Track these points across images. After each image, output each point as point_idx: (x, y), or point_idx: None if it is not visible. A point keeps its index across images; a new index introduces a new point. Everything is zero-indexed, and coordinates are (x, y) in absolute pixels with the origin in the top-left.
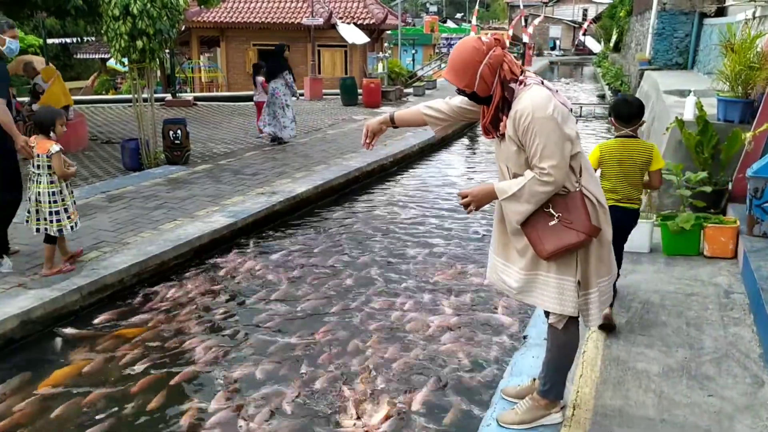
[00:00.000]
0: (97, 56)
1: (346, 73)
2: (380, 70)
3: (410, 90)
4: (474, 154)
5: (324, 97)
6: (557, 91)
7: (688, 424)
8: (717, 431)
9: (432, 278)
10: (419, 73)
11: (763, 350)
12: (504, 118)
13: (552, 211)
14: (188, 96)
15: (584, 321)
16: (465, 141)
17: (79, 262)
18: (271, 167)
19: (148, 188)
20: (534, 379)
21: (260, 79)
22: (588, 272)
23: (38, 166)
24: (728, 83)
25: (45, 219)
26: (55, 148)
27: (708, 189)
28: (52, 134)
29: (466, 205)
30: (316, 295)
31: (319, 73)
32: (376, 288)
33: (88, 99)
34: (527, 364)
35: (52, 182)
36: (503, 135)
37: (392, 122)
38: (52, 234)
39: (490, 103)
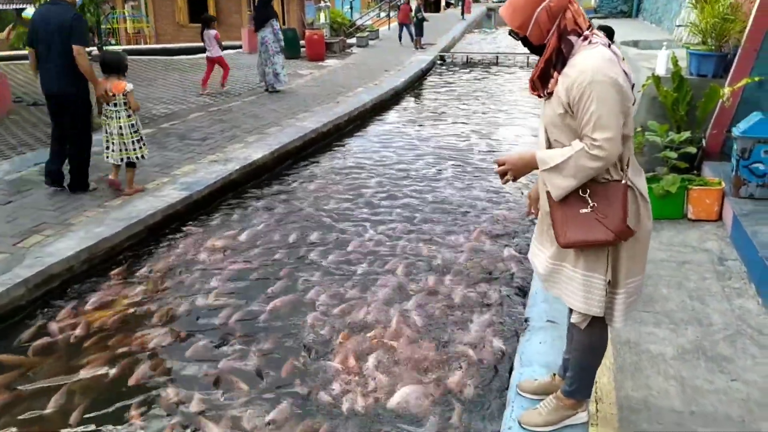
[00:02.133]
0: (10, 6)
1: (284, 24)
2: (322, 20)
3: (353, 41)
4: (422, 112)
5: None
6: (623, 59)
7: (719, 416)
8: (751, 421)
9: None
10: (358, 23)
11: None
12: (555, 74)
13: (588, 198)
14: (117, 49)
15: (607, 320)
16: (412, 98)
17: (20, 249)
18: (220, 130)
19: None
20: (554, 375)
21: (212, 32)
22: (618, 271)
23: (115, 105)
24: (701, 36)
25: (128, 149)
26: (130, 86)
27: (693, 150)
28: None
29: (502, 174)
30: (285, 275)
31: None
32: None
33: (6, 55)
34: (535, 352)
35: (129, 116)
36: (550, 94)
37: None
38: (142, 157)
39: (542, 53)
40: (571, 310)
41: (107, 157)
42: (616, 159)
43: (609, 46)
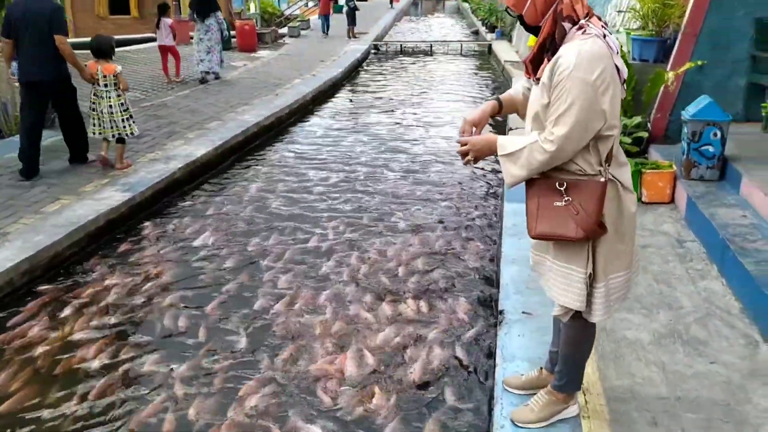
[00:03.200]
0: None
1: None
2: (252, 10)
3: (285, 31)
4: (362, 102)
5: (191, 40)
6: (617, 53)
7: (704, 400)
8: (735, 404)
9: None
10: (287, 12)
11: (742, 305)
12: (545, 60)
13: (563, 192)
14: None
15: (585, 314)
16: (351, 88)
17: None
18: (156, 126)
19: (16, 161)
20: (540, 369)
21: (169, 20)
22: (597, 264)
23: (106, 85)
24: (641, 21)
25: (118, 126)
26: (119, 68)
27: (645, 134)
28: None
29: (463, 155)
30: (242, 274)
31: (181, 13)
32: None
33: None
34: (515, 346)
35: (119, 95)
36: (538, 80)
37: (500, 108)
38: (132, 134)
39: (538, 34)
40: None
41: (94, 133)
42: (566, 158)
43: (605, 36)
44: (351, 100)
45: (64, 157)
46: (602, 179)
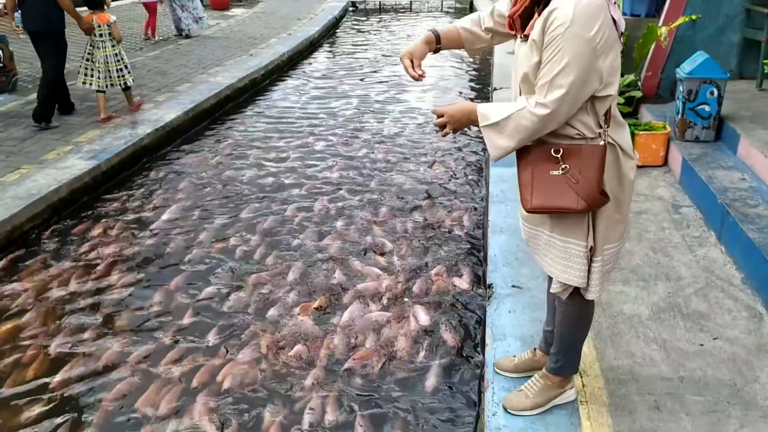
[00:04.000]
0: None
1: None
2: None
3: None
4: (339, 60)
5: None
6: (615, 2)
7: (710, 380)
8: (743, 384)
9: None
10: None
11: (744, 275)
12: (536, 14)
13: (560, 159)
14: None
15: (582, 290)
16: (328, 47)
17: None
18: None
19: None
20: (534, 350)
21: None
22: (596, 237)
23: (101, 35)
24: None
25: (113, 77)
26: (113, 18)
27: (638, 93)
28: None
29: (441, 126)
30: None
31: None
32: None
33: None
34: (506, 323)
35: (113, 46)
36: (526, 37)
37: (437, 41)
38: (128, 84)
39: None
40: (551, 278)
41: (87, 84)
42: (559, 124)
43: None
44: (330, 57)
45: (24, 124)
46: (601, 142)
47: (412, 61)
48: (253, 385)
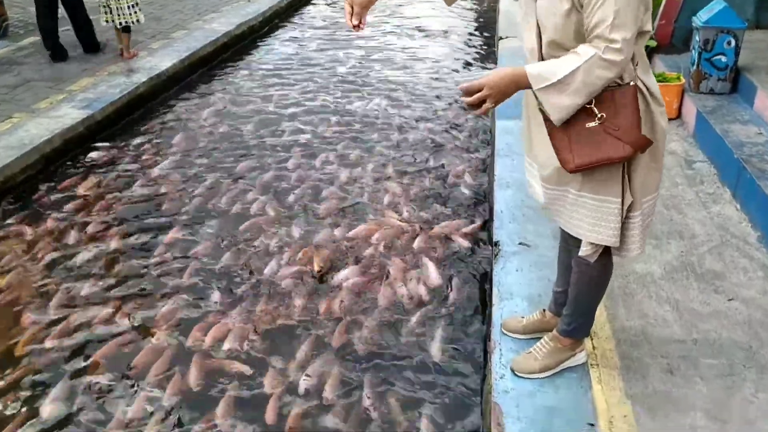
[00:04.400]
0: None
1: None
2: None
3: None
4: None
5: None
6: None
7: (724, 343)
8: (759, 346)
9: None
10: None
11: (760, 232)
12: None
13: (595, 109)
14: None
15: (617, 251)
16: None
17: None
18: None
19: None
20: (543, 311)
21: None
22: (634, 190)
23: None
24: None
25: (124, 14)
26: None
27: (652, 43)
28: None
29: (478, 104)
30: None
31: None
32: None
33: None
34: (513, 282)
35: None
36: None
37: None
38: (138, 21)
39: None
40: (565, 237)
41: (107, 21)
42: (627, 65)
43: None
44: (333, 3)
45: (15, 72)
46: (631, 83)
47: (352, 8)
48: (252, 342)
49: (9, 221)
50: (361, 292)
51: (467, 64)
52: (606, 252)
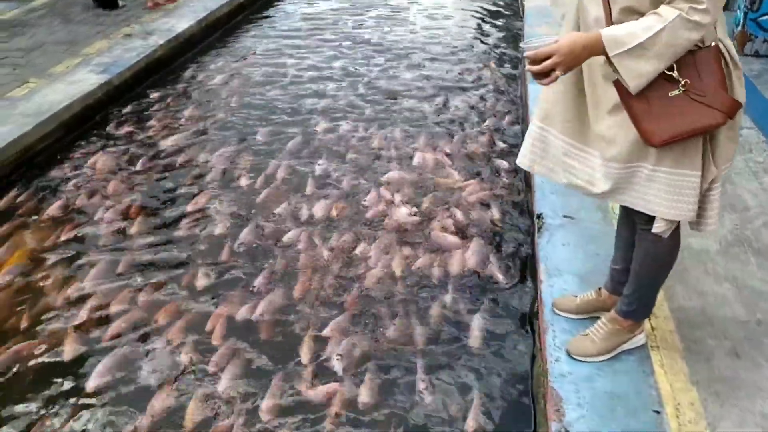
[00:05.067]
0: None
1: None
2: None
3: None
4: None
5: None
6: None
7: None
8: None
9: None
10: None
11: None
12: None
13: (676, 75)
14: None
15: (695, 225)
16: None
17: None
18: None
19: None
20: (599, 289)
21: None
22: (715, 160)
23: None
24: None
25: None
26: None
27: None
28: None
29: (545, 74)
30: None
31: None
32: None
33: None
34: (560, 257)
35: None
36: None
37: None
38: None
39: None
40: (628, 212)
41: None
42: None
43: None
44: None
45: (29, 34)
46: (712, 43)
47: None
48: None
49: (27, 193)
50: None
51: (492, 24)
52: (676, 228)
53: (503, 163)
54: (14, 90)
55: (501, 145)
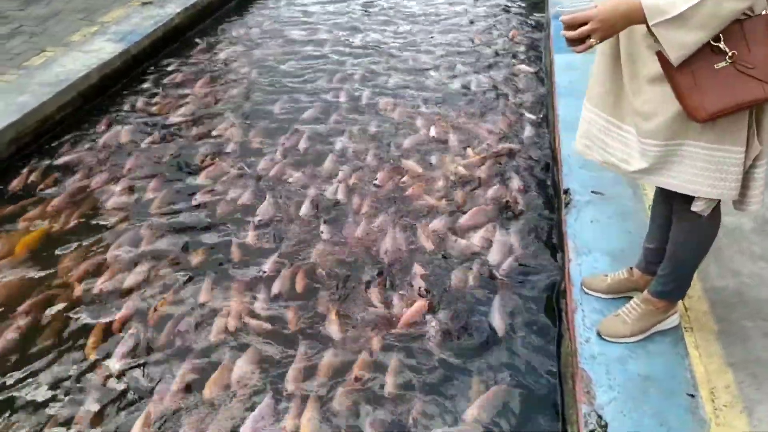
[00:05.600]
0: None
1: None
2: None
3: None
4: None
5: None
6: None
7: None
8: None
9: None
10: None
11: None
12: None
13: (723, 46)
14: None
15: (737, 204)
16: None
17: None
18: None
19: None
20: (631, 269)
21: None
22: (761, 136)
23: None
24: None
25: None
26: None
27: None
28: None
29: (581, 40)
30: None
31: None
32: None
33: None
34: (590, 235)
35: None
36: None
37: None
38: None
39: None
40: (662, 190)
41: None
42: None
43: None
44: None
45: (44, 2)
46: (762, 12)
47: None
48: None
49: (46, 164)
50: None
51: None
52: (716, 207)
53: (528, 132)
54: (31, 59)
55: (528, 115)
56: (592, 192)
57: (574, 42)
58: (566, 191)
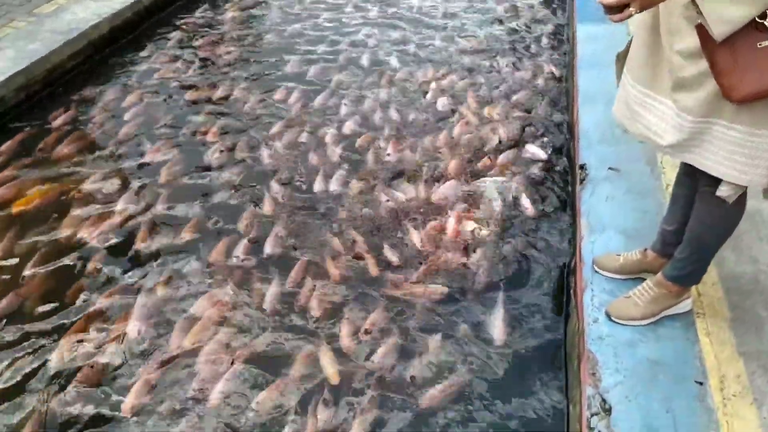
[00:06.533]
0: None
1: None
2: None
3: None
4: None
5: None
6: None
7: None
8: None
9: None
10: None
11: None
12: None
13: (766, 24)
14: None
15: (766, 193)
16: None
17: None
18: None
19: None
20: (645, 249)
21: None
22: None
23: None
24: None
25: None
26: None
27: None
28: None
29: (619, 8)
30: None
31: None
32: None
33: None
34: (604, 213)
35: None
36: None
37: None
38: None
39: None
40: (691, 170)
41: None
42: None
43: None
44: None
45: None
46: None
47: None
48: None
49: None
50: None
51: None
52: (743, 193)
53: (546, 110)
54: (42, 6)
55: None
56: (609, 168)
57: (612, 9)
58: (582, 166)
